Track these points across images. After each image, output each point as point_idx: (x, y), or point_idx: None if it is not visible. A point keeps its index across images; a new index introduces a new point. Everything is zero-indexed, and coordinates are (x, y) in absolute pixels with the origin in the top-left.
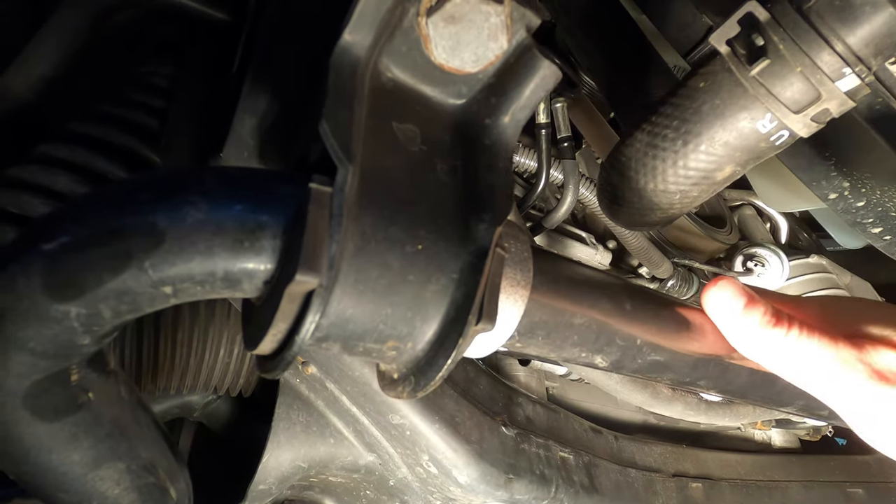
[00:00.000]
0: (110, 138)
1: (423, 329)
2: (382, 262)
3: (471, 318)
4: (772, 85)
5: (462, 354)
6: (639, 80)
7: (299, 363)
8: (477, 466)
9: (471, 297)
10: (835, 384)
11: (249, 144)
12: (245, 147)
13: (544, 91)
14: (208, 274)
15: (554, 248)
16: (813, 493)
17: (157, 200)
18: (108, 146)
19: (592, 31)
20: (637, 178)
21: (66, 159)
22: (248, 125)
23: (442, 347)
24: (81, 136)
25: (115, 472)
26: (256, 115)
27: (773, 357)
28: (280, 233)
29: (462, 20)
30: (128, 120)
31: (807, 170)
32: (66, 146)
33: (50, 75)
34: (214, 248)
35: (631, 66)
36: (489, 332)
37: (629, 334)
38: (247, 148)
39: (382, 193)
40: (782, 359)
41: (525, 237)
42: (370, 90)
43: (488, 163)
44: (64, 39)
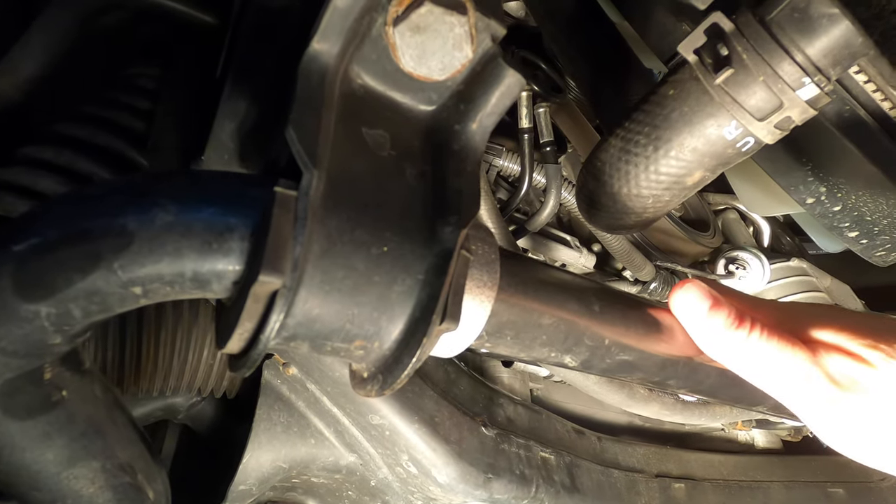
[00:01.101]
0: (96, 140)
1: (390, 329)
2: (348, 263)
3: (435, 317)
4: (736, 93)
5: (428, 353)
6: (621, 85)
7: (280, 364)
8: (456, 466)
9: (435, 297)
10: (792, 386)
11: (230, 148)
12: (225, 150)
13: (510, 99)
14: (177, 275)
15: (538, 251)
16: (794, 493)
17: (127, 203)
18: (94, 148)
19: (576, 37)
20: (611, 182)
21: (51, 161)
22: (228, 129)
23: (407, 347)
24: (67, 137)
25: (89, 470)
26: (236, 120)
27: (735, 358)
28: (248, 235)
29: (427, 30)
30: (114, 122)
31: (785, 175)
32: (52, 148)
33: (36, 76)
34: (183, 250)
35: (613, 71)
36: (454, 331)
37: (597, 335)
38: (227, 151)
39: (349, 197)
40: (744, 360)
41: (493, 240)
42: (340, 96)
43: (457, 168)
44: (51, 40)
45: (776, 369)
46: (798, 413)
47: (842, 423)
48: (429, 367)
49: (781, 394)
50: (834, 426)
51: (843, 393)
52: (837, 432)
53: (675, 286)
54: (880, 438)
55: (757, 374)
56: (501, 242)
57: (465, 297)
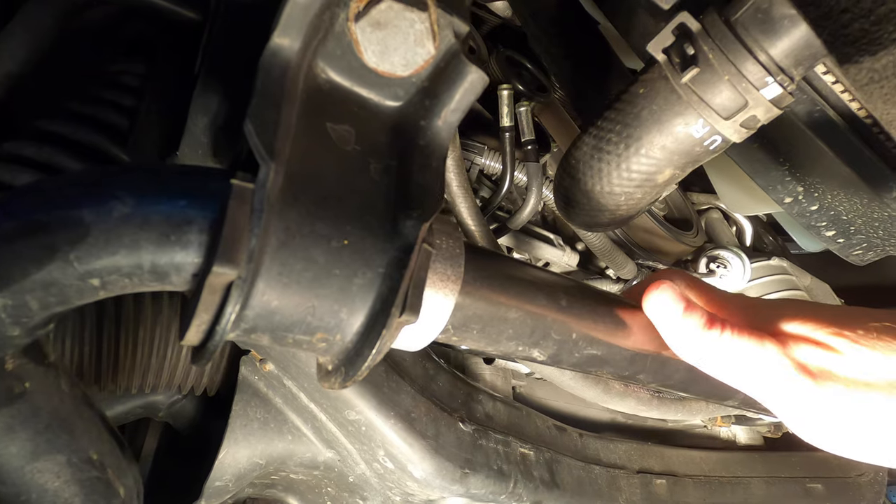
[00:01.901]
0: (78, 136)
1: (351, 321)
2: (307, 256)
3: (394, 310)
4: (703, 92)
5: (389, 345)
6: (602, 85)
7: (257, 360)
8: (432, 461)
9: (396, 290)
10: (764, 380)
11: (203, 143)
12: (199, 145)
13: (473, 95)
14: (135, 267)
15: (522, 250)
16: (774, 488)
17: (84, 195)
18: (76, 144)
19: (558, 37)
20: (585, 180)
21: (32, 157)
22: (201, 124)
23: (368, 339)
24: (49, 133)
25: (54, 464)
26: (209, 114)
27: (708, 358)
28: (206, 227)
29: (388, 26)
30: (97, 118)
31: (763, 175)
32: (33, 144)
33: (17, 72)
34: (140, 242)
35: (595, 71)
36: (418, 324)
37: (564, 329)
38: (201, 146)
39: (309, 190)
40: (716, 360)
41: (458, 234)
42: (305, 91)
43: (422, 163)
44: (32, 36)
45: (748, 365)
46: (772, 407)
47: (813, 413)
48: (407, 364)
49: (755, 389)
50: (806, 416)
51: (812, 382)
52: (810, 423)
53: (649, 287)
54: (849, 426)
55: (730, 373)
56: (481, 240)
57: (428, 290)
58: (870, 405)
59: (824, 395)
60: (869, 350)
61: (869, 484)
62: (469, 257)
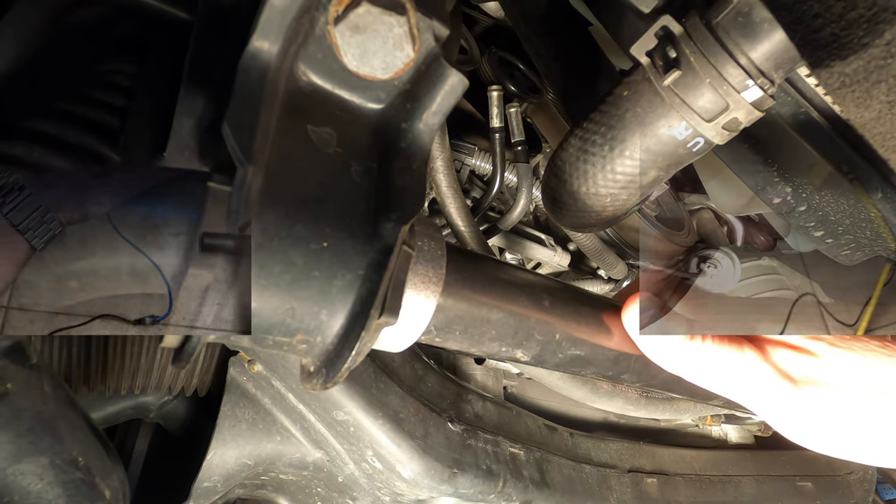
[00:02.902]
0: (67, 136)
1: (331, 323)
2: (286, 258)
3: (373, 311)
4: (685, 95)
5: (369, 347)
6: (592, 86)
7: (245, 361)
8: (420, 461)
9: (375, 292)
10: (747, 386)
11: (190, 145)
12: (185, 147)
13: (454, 98)
14: (112, 269)
15: (514, 250)
16: (764, 486)
17: (62, 197)
18: (67, 144)
19: (549, 38)
20: (571, 181)
21: (22, 157)
22: (187, 126)
23: (348, 340)
24: (39, 133)
25: (37, 466)
26: (194, 116)
27: (690, 368)
28: (184, 230)
29: (367, 29)
30: (87, 118)
31: (752, 175)
32: (23, 144)
33: (6, 72)
34: (116, 244)
35: (585, 73)
36: (400, 325)
37: (548, 329)
38: (187, 148)
39: (288, 193)
40: (698, 369)
41: (440, 236)
42: (286, 94)
43: (402, 165)
44: (21, 36)
45: (730, 373)
46: (755, 410)
47: (794, 415)
48: (395, 364)
49: (738, 395)
50: (788, 418)
51: (792, 386)
52: (793, 424)
53: (627, 301)
54: (830, 426)
55: (713, 380)
56: (471, 240)
57: (409, 291)
58: (848, 406)
59: (804, 398)
60: (845, 352)
61: (858, 482)
62: (451, 259)
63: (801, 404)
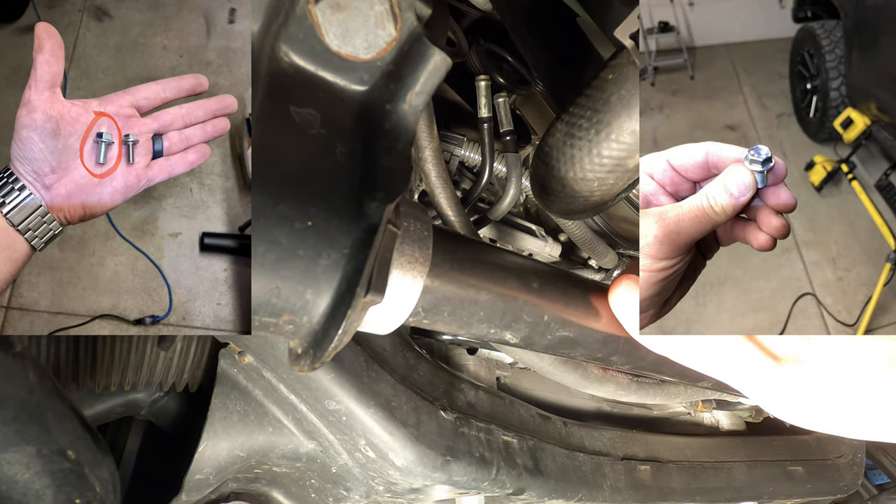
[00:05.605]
0: None
1: (317, 303)
2: (270, 237)
3: (359, 290)
4: None
5: (356, 326)
6: (580, 77)
7: (236, 353)
8: (413, 449)
9: (361, 270)
10: (733, 366)
11: None
12: None
13: (437, 78)
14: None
15: (504, 241)
16: (756, 471)
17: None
18: None
19: (536, 27)
20: (558, 166)
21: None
22: None
23: (335, 320)
24: None
25: (23, 455)
26: None
27: (677, 349)
28: None
29: (348, 8)
30: None
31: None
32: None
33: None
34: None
35: (572, 63)
36: (386, 306)
37: (536, 311)
38: None
39: (271, 173)
40: (685, 349)
41: (426, 217)
42: (268, 75)
43: (387, 146)
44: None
45: (714, 352)
46: (743, 389)
47: (783, 392)
48: (387, 353)
49: (725, 374)
50: (773, 395)
51: (775, 363)
52: (778, 400)
53: (613, 283)
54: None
55: (700, 361)
56: (461, 230)
57: (396, 272)
58: (834, 382)
59: (788, 375)
60: (830, 337)
61: (848, 465)
62: (438, 240)
63: (785, 380)
